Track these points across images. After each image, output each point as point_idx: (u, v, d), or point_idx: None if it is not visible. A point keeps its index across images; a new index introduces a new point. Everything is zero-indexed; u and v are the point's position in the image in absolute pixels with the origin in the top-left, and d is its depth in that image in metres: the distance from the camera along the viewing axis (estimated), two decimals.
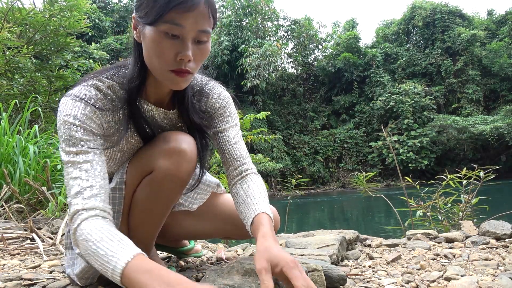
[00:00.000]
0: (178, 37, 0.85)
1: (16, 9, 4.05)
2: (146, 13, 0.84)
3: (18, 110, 3.72)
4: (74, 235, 0.82)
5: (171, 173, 0.96)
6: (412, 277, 1.31)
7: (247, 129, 4.04)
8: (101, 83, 0.96)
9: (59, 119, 0.90)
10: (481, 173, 2.73)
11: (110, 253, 0.74)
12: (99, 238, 0.77)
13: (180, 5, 0.81)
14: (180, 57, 0.86)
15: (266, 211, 0.98)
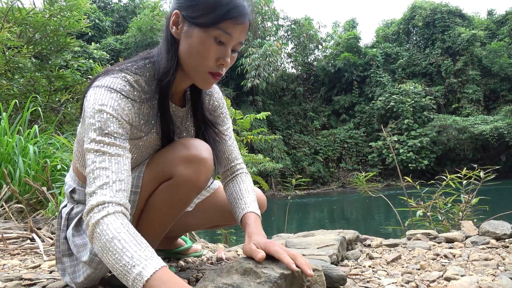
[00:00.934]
0: (223, 44, 0.92)
1: (16, 9, 4.05)
2: (201, 15, 0.89)
3: (18, 110, 3.72)
4: (95, 226, 0.77)
5: (191, 180, 0.97)
6: (412, 277, 1.31)
7: (247, 129, 4.04)
8: (130, 76, 0.95)
9: (92, 107, 0.87)
10: (481, 173, 2.73)
11: (137, 257, 0.72)
12: (127, 239, 0.75)
13: (236, 18, 0.89)
14: (220, 62, 0.93)
15: (254, 210, 1.07)
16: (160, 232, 1.09)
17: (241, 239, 6.56)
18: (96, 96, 0.88)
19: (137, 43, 22.11)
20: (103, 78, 0.92)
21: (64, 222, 1.09)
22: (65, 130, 3.94)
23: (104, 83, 0.90)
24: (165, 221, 1.06)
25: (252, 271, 0.98)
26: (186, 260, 1.55)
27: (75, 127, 4.29)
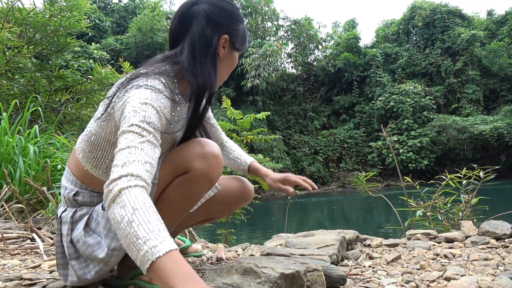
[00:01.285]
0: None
1: (16, 9, 4.05)
2: (241, 44, 1.15)
3: (18, 110, 3.72)
4: (121, 192, 0.76)
5: (206, 174, 1.03)
6: (412, 277, 1.31)
7: (247, 129, 4.04)
8: (166, 79, 1.03)
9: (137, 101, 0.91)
10: (481, 173, 2.73)
11: (156, 232, 0.71)
12: (150, 213, 0.74)
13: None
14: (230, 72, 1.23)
15: (254, 161, 1.44)
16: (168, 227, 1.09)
17: (241, 239, 6.55)
18: (142, 94, 0.93)
19: (137, 43, 22.11)
20: (145, 79, 0.98)
21: (69, 226, 1.09)
22: (65, 130, 3.94)
23: (148, 84, 0.97)
24: (176, 215, 1.09)
25: (252, 271, 0.98)
26: (187, 260, 1.55)
27: (75, 127, 4.29)
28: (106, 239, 1.02)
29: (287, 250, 1.55)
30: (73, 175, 1.12)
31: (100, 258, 1.01)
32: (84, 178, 1.10)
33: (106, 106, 1.00)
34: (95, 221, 1.06)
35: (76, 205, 1.11)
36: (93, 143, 1.06)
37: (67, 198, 1.12)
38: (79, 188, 1.11)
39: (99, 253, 1.02)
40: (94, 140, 1.05)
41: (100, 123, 1.03)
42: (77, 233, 1.07)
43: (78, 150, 1.10)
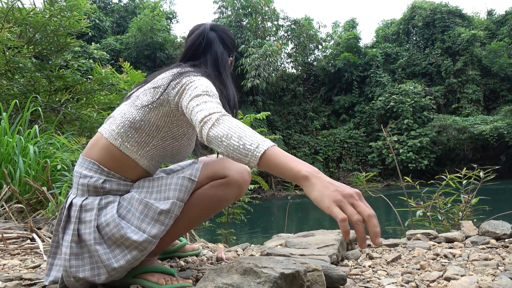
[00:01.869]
0: None
1: (16, 9, 4.05)
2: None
3: (18, 110, 3.72)
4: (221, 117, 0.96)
5: (239, 184, 1.16)
6: (412, 277, 1.31)
7: None
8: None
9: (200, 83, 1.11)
10: (481, 173, 2.73)
11: (257, 136, 0.91)
12: (246, 127, 0.94)
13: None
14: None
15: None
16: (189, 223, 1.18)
17: (241, 239, 6.55)
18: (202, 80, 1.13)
19: (137, 43, 22.10)
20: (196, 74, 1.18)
21: (96, 211, 1.11)
22: (65, 130, 3.94)
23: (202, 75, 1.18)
24: (200, 212, 1.16)
25: (252, 271, 0.98)
26: (186, 260, 1.55)
27: (75, 127, 4.29)
28: (143, 223, 1.08)
29: (287, 250, 1.54)
30: (99, 164, 1.16)
31: (133, 240, 1.05)
32: (115, 166, 1.16)
33: (160, 95, 1.14)
34: (125, 208, 1.11)
35: (101, 193, 1.14)
36: (139, 128, 1.15)
37: (92, 186, 1.14)
38: (106, 176, 1.15)
39: (133, 235, 1.06)
40: (141, 125, 1.15)
41: (148, 110, 1.15)
42: (107, 217, 1.09)
43: (115, 137, 1.16)
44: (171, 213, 1.08)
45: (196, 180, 1.12)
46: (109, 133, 1.17)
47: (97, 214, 1.11)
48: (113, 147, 1.15)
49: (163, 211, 1.08)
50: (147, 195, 1.12)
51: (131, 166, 1.17)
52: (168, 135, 1.18)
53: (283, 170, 0.85)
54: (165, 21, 24.45)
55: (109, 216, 1.09)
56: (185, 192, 1.10)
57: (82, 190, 1.15)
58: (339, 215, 0.79)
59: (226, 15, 24.23)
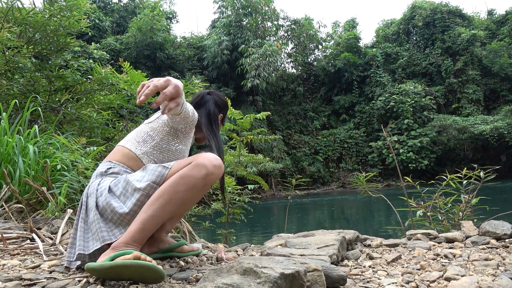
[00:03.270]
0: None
1: (16, 9, 4.04)
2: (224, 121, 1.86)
3: (18, 110, 3.72)
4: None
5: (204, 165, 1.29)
6: (412, 277, 1.31)
7: (247, 129, 4.04)
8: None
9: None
10: (481, 173, 2.72)
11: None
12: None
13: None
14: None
15: None
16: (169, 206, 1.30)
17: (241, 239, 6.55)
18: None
19: (137, 43, 22.10)
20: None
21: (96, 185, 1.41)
22: (65, 130, 3.94)
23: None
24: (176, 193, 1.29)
25: (252, 271, 0.98)
26: (186, 260, 1.55)
27: (75, 127, 4.28)
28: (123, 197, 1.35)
29: (287, 250, 1.54)
30: (112, 161, 1.50)
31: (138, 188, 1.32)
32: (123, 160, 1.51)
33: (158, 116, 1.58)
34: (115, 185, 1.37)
35: (105, 175, 1.45)
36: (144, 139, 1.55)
37: (99, 173, 1.46)
38: (113, 166, 1.48)
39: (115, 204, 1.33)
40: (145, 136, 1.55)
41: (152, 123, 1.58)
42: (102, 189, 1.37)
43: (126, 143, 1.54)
44: (142, 191, 1.31)
45: (169, 167, 1.34)
46: (123, 142, 1.56)
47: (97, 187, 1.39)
48: (124, 149, 1.53)
49: (136, 189, 1.32)
50: (131, 177, 1.37)
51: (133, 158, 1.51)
52: (164, 142, 1.54)
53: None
54: (165, 21, 24.45)
55: (103, 188, 1.37)
56: (158, 176, 1.32)
57: (91, 179, 1.47)
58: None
59: (226, 15, 24.23)
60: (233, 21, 23.49)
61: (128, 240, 1.23)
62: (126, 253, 1.19)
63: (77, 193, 2.50)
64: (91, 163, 2.77)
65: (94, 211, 1.33)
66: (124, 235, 1.25)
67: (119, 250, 1.21)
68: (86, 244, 1.30)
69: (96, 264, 1.13)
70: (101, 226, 1.30)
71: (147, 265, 1.08)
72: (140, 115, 7.22)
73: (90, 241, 1.30)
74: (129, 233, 1.25)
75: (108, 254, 1.21)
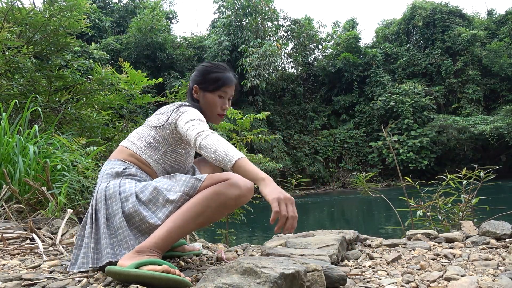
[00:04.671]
0: (223, 98, 1.64)
1: (16, 9, 4.04)
2: (207, 86, 1.62)
3: (18, 110, 3.72)
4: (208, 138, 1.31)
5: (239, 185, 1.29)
6: (412, 277, 1.31)
7: (247, 129, 4.03)
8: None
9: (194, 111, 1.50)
10: (481, 173, 2.72)
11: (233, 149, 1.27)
12: (225, 141, 1.30)
13: (228, 84, 1.63)
14: (223, 107, 1.65)
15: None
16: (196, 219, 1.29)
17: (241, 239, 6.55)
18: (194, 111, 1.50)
19: (137, 43, 22.09)
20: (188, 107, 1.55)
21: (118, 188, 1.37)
22: (65, 130, 3.94)
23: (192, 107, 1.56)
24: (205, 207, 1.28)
25: (252, 271, 0.98)
26: (186, 260, 1.55)
27: (75, 127, 4.28)
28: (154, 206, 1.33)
29: (287, 250, 1.54)
30: (122, 160, 1.48)
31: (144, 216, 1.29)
32: (135, 161, 1.49)
33: (167, 118, 1.51)
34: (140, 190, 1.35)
35: (121, 176, 1.42)
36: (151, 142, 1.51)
37: (114, 172, 1.43)
38: (127, 166, 1.46)
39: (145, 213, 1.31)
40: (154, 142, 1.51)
41: (157, 130, 1.51)
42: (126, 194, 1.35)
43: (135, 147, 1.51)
44: (175, 203, 1.30)
45: (202, 180, 1.33)
46: (129, 144, 1.53)
47: (119, 190, 1.35)
48: (134, 153, 1.50)
49: (169, 200, 1.30)
50: (159, 185, 1.36)
51: (145, 163, 1.50)
52: (171, 149, 1.53)
53: (248, 173, 1.23)
54: (165, 21, 24.45)
55: (128, 193, 1.34)
56: (191, 188, 1.32)
57: (105, 178, 1.42)
58: (275, 208, 1.14)
59: (226, 15, 24.22)
60: (233, 21, 23.48)
61: (152, 245, 1.22)
62: (154, 262, 1.17)
63: (77, 193, 2.50)
64: (91, 163, 2.77)
65: (120, 217, 1.30)
66: (148, 240, 1.23)
67: (144, 256, 1.19)
68: (113, 251, 1.27)
69: (121, 269, 1.13)
70: (129, 234, 1.28)
71: (177, 279, 1.11)
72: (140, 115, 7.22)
73: (116, 247, 1.28)
74: (153, 238, 1.23)
75: (132, 259, 1.19)
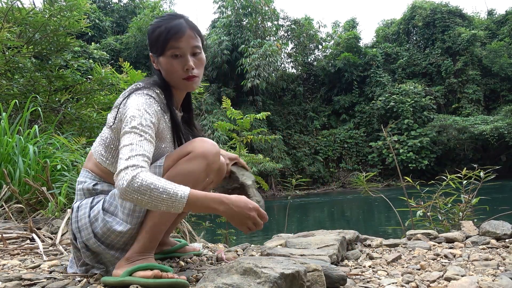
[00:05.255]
0: (181, 56, 1.25)
1: (16, 9, 4.04)
2: (156, 50, 1.27)
3: (18, 110, 3.72)
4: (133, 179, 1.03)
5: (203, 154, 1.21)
6: (412, 277, 1.31)
7: (247, 129, 4.04)
8: (156, 90, 1.27)
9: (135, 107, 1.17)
10: (481, 173, 2.72)
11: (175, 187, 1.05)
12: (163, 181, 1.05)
13: (174, 36, 1.23)
14: (186, 68, 1.26)
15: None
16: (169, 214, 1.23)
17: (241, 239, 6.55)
18: (139, 100, 1.19)
19: (137, 43, 22.09)
20: (142, 90, 1.24)
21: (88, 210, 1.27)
22: (65, 130, 3.94)
23: (146, 92, 1.23)
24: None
25: (252, 271, 0.98)
26: (186, 260, 1.55)
27: (75, 127, 4.28)
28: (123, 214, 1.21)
29: (287, 250, 1.54)
30: (92, 172, 1.33)
31: (118, 231, 1.20)
32: (102, 174, 1.32)
33: (115, 114, 1.23)
34: (110, 204, 1.24)
35: (94, 194, 1.30)
36: (110, 148, 1.28)
37: (86, 189, 1.31)
38: (98, 181, 1.32)
39: (118, 227, 1.21)
40: (110, 144, 1.27)
41: (113, 129, 1.25)
42: (95, 213, 1.24)
43: (96, 155, 1.31)
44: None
45: (161, 165, 1.22)
46: (94, 149, 1.34)
47: (89, 212, 1.26)
48: (98, 164, 1.31)
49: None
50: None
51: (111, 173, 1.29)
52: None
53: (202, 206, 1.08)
54: None
55: (96, 212, 1.24)
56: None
57: (80, 195, 1.33)
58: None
59: (226, 15, 24.22)
60: (233, 21, 23.48)
61: (140, 249, 1.21)
62: (145, 267, 1.17)
63: None
64: None
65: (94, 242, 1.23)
66: (135, 245, 1.22)
67: (134, 262, 1.19)
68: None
69: (115, 279, 1.15)
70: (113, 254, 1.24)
71: (170, 282, 1.12)
72: None
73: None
74: (139, 242, 1.22)
75: (124, 266, 1.19)
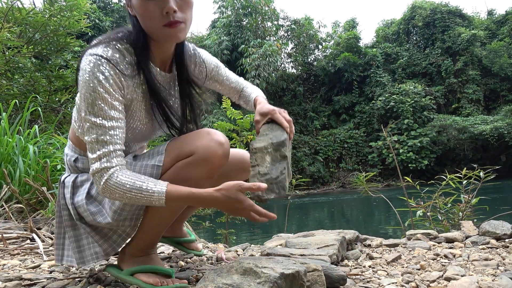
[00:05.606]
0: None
1: (16, 9, 4.04)
2: None
3: (18, 110, 3.72)
4: (108, 182, 0.97)
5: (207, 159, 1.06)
6: (412, 277, 1.31)
7: (247, 129, 4.03)
8: (121, 46, 1.05)
9: (83, 79, 0.97)
10: (481, 173, 2.72)
11: (151, 184, 0.98)
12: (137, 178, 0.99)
13: None
14: (165, 10, 0.99)
15: (259, 94, 1.38)
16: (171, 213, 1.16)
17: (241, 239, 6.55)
18: (87, 67, 0.97)
19: None
20: (97, 47, 1.01)
21: (71, 190, 1.16)
22: (65, 130, 3.94)
23: (97, 52, 0.99)
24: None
25: (252, 271, 0.98)
26: (186, 260, 1.55)
27: None
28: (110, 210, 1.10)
29: (287, 250, 1.54)
30: (73, 144, 1.21)
31: (105, 222, 1.10)
32: (81, 146, 1.18)
33: (76, 77, 1.05)
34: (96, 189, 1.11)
35: (78, 171, 1.20)
36: (78, 111, 1.13)
37: (69, 164, 1.22)
38: (78, 154, 1.20)
39: (102, 220, 1.11)
40: (78, 108, 1.12)
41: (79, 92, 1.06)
42: (79, 199, 1.15)
43: (72, 121, 1.21)
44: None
45: (160, 165, 1.08)
46: (73, 119, 1.20)
47: (72, 192, 1.16)
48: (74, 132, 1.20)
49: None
50: None
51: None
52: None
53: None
54: None
55: (80, 199, 1.14)
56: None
57: (66, 167, 1.25)
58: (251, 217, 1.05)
59: (226, 15, 24.21)
60: (233, 21, 23.47)
61: (143, 246, 1.20)
62: (149, 270, 1.16)
63: None
64: None
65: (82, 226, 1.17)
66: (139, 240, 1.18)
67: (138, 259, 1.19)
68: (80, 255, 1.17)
69: (118, 274, 1.17)
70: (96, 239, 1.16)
71: None
72: None
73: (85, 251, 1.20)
74: (143, 237, 1.18)
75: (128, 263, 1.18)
